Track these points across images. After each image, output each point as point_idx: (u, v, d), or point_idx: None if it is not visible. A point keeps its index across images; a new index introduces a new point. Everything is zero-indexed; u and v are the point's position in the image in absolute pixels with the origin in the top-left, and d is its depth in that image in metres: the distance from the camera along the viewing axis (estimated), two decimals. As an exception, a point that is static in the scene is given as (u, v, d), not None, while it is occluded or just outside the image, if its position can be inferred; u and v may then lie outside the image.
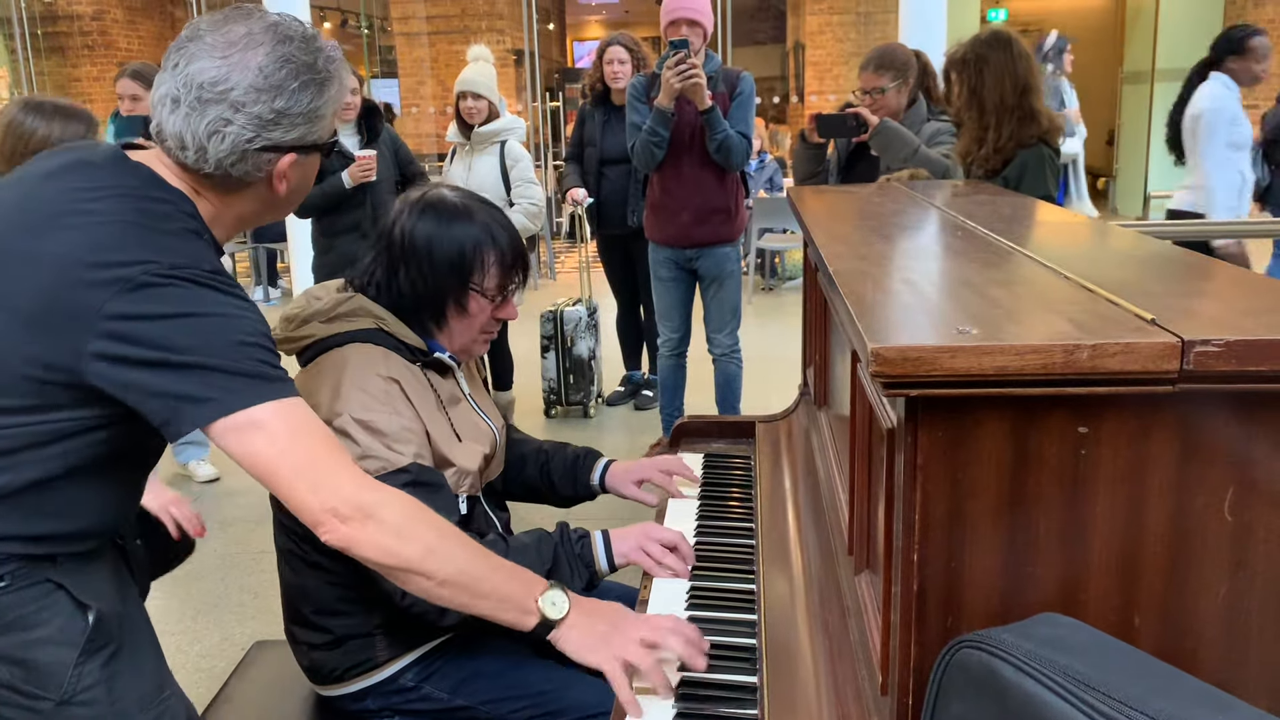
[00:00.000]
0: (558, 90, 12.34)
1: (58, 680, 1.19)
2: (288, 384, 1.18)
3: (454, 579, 1.25)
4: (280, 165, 1.25)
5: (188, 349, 1.10)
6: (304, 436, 1.16)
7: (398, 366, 1.55)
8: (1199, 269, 1.16)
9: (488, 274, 1.63)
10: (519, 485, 1.93)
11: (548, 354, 5.03)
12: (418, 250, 1.60)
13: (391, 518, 1.20)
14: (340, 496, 1.17)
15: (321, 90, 1.25)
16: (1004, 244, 1.33)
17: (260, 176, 1.24)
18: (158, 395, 1.11)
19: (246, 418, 1.13)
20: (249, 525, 3.86)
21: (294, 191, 1.31)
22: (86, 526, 1.22)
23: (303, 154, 1.27)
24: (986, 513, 0.87)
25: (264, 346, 1.16)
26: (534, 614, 1.30)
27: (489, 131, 4.34)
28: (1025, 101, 2.70)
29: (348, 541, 1.19)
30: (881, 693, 1.03)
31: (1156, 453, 0.85)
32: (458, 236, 1.61)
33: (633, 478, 1.89)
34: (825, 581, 1.42)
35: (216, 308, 1.13)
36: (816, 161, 3.50)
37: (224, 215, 1.27)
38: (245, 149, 1.21)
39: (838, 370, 1.62)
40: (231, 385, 1.12)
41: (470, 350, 1.70)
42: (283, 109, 1.21)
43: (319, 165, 1.34)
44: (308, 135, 1.26)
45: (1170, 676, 0.75)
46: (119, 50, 12.00)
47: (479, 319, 1.65)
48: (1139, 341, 0.80)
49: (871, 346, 0.82)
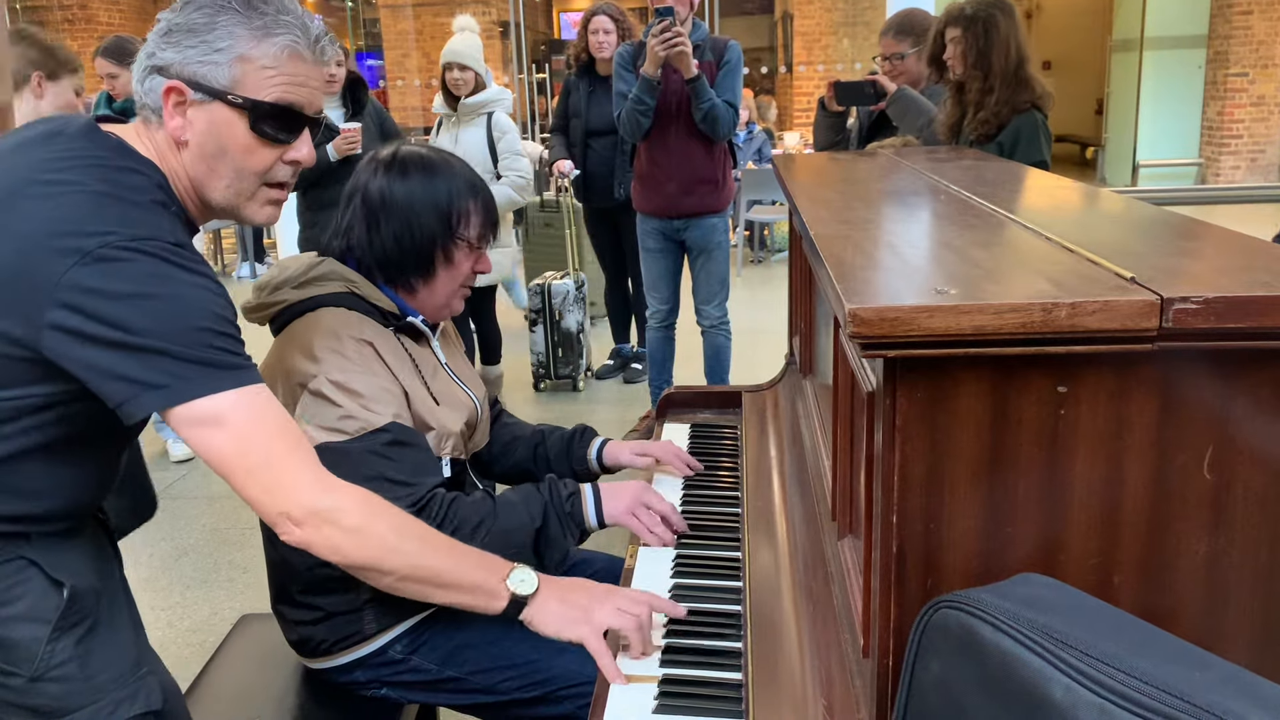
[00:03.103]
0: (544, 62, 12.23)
1: (30, 656, 1.18)
2: (248, 371, 1.15)
3: (415, 574, 1.25)
4: (165, 90, 1.17)
5: (144, 331, 1.07)
6: (260, 433, 1.13)
7: (371, 329, 1.55)
8: (1183, 230, 1.15)
9: (470, 223, 1.63)
10: (511, 468, 1.92)
11: (536, 328, 5.02)
12: (399, 205, 1.60)
13: (346, 520, 1.19)
14: (293, 500, 1.16)
15: (212, 14, 1.17)
16: (987, 207, 1.33)
17: (158, 104, 1.19)
18: (113, 377, 1.08)
19: (203, 409, 1.10)
20: (237, 501, 3.82)
21: (201, 147, 1.21)
22: (58, 505, 1.21)
23: (195, 91, 1.18)
24: (965, 473, 0.87)
25: (224, 332, 1.13)
26: (502, 596, 1.30)
27: (476, 103, 4.30)
28: (1020, 71, 2.68)
29: (303, 544, 1.18)
30: (863, 655, 1.04)
31: (1136, 412, 0.85)
32: (439, 188, 1.61)
33: (632, 449, 1.88)
34: (810, 548, 1.42)
35: (176, 287, 1.10)
36: (836, 130, 3.46)
37: (177, 180, 1.22)
38: (146, 64, 1.19)
39: (822, 338, 1.62)
40: (186, 373, 1.09)
41: (450, 307, 1.69)
42: (175, 23, 1.18)
43: (245, 138, 1.21)
44: (196, 66, 1.17)
45: (1149, 634, 0.75)
46: (99, 25, 11.85)
47: (462, 269, 1.65)
48: (1118, 299, 0.79)
49: (850, 307, 0.81)
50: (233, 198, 1.25)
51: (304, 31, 1.23)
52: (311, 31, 1.24)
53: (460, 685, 1.58)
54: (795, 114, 12.37)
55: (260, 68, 1.20)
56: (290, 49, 1.21)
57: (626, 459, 1.88)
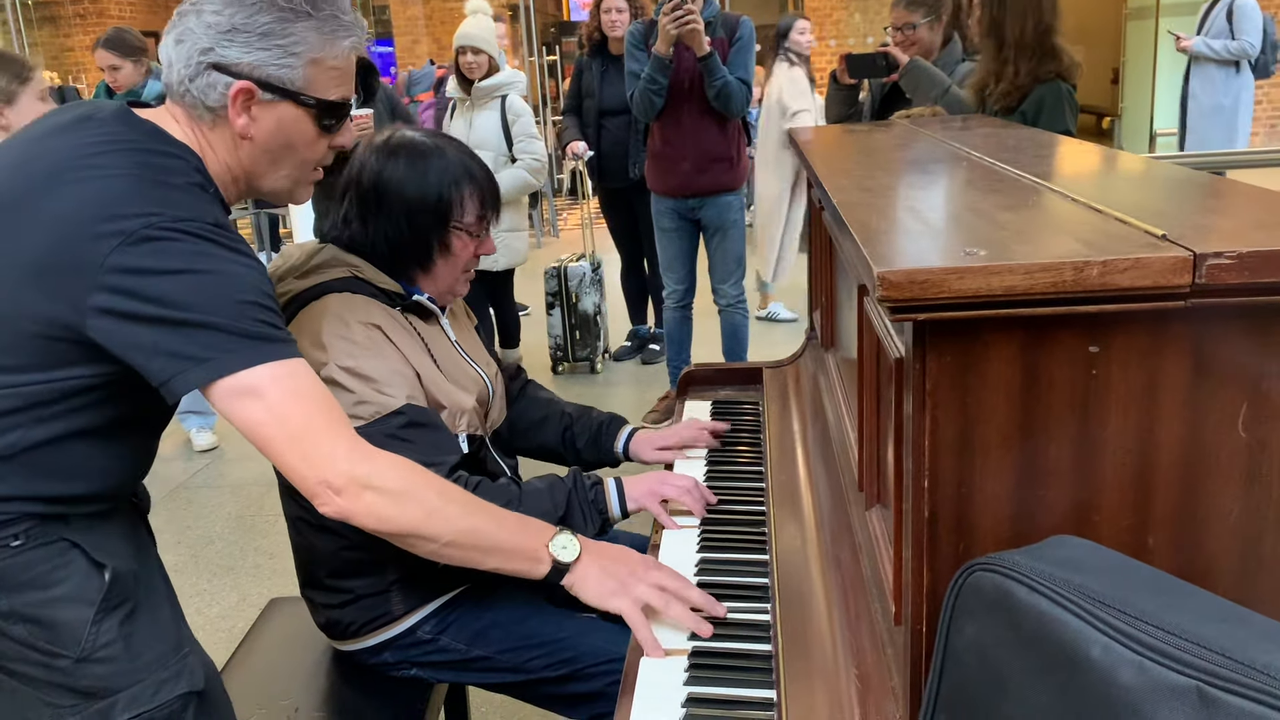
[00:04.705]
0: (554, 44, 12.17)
1: (76, 637, 1.19)
2: (289, 344, 1.16)
3: (459, 539, 1.25)
4: (235, 92, 1.19)
5: (188, 306, 1.09)
6: (300, 403, 1.15)
7: (377, 312, 1.54)
8: (1209, 188, 1.14)
9: (466, 210, 1.62)
10: (535, 445, 1.92)
11: (553, 311, 5.02)
12: (390, 196, 1.58)
13: (388, 485, 1.19)
14: (334, 469, 1.16)
15: (288, 20, 1.20)
16: (1010, 172, 1.31)
17: (219, 104, 1.21)
18: (157, 354, 1.10)
19: (243, 381, 1.11)
20: (261, 488, 3.88)
21: (267, 143, 1.25)
22: (97, 488, 1.22)
23: (266, 92, 1.21)
24: (997, 436, 0.86)
25: (266, 306, 1.15)
26: (545, 561, 1.30)
27: (489, 86, 4.29)
28: (1046, 40, 2.63)
29: (343, 514, 1.19)
30: (895, 623, 1.03)
31: (1168, 370, 0.84)
32: (432, 177, 1.59)
33: (655, 444, 1.87)
34: (836, 520, 1.42)
35: (219, 264, 1.12)
36: (848, 104, 3.44)
37: (217, 164, 1.24)
38: (200, 60, 1.19)
39: (844, 309, 1.61)
40: (230, 345, 1.10)
41: (454, 291, 1.69)
42: (239, 24, 1.18)
43: (311, 133, 1.26)
44: (271, 69, 1.20)
45: (1186, 591, 0.75)
46: (111, 18, 11.88)
47: (462, 257, 1.64)
48: (1150, 256, 0.78)
49: (878, 271, 0.80)
50: (290, 185, 1.31)
51: (361, 30, 1.29)
52: (363, 27, 1.30)
53: (489, 664, 1.59)
54: (807, 91, 12.26)
55: (328, 69, 1.25)
56: (354, 49, 1.27)
57: (651, 457, 1.87)
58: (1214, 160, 3.83)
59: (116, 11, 12.12)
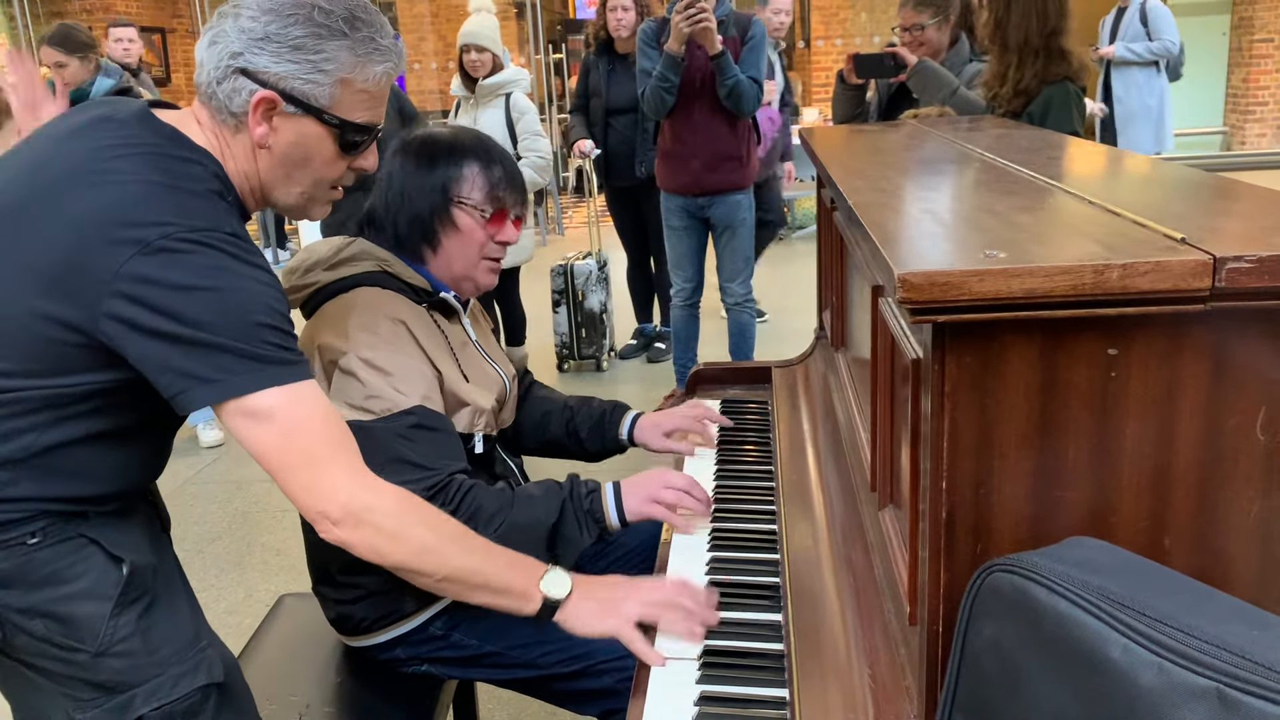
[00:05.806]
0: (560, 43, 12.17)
1: (94, 632, 1.20)
2: (299, 365, 1.16)
3: (452, 576, 1.26)
4: (257, 100, 1.18)
5: (200, 324, 1.09)
6: (304, 432, 1.15)
7: (404, 308, 1.55)
8: (1224, 190, 1.14)
9: (473, 185, 1.62)
10: (541, 442, 1.92)
11: (559, 309, 5.03)
12: (403, 178, 1.62)
13: (384, 523, 1.20)
14: (333, 501, 1.17)
15: (322, 37, 1.19)
16: (1025, 173, 1.31)
17: (242, 110, 1.20)
18: (167, 369, 1.10)
19: (250, 405, 1.12)
20: (267, 484, 3.89)
21: (283, 156, 1.23)
22: (112, 488, 1.23)
23: (289, 104, 1.20)
24: (1015, 438, 0.87)
25: (278, 327, 1.14)
26: (536, 600, 1.31)
27: (494, 84, 4.29)
28: (1053, 43, 2.63)
29: (341, 543, 1.20)
30: (910, 623, 1.04)
31: (1187, 373, 0.84)
32: (437, 158, 1.63)
33: (662, 429, 1.87)
34: (847, 519, 1.42)
35: (234, 280, 1.11)
36: (855, 104, 3.43)
37: (236, 171, 1.23)
38: (229, 64, 1.18)
39: (856, 309, 1.61)
40: (240, 368, 1.11)
41: (473, 278, 1.68)
42: (273, 33, 1.18)
43: (331, 152, 1.25)
44: (297, 82, 1.19)
45: (1205, 594, 0.75)
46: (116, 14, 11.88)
47: (474, 236, 1.63)
48: (1170, 260, 0.79)
49: (899, 273, 0.81)
50: (303, 201, 1.30)
51: (399, 58, 1.27)
52: (401, 54, 1.28)
53: (500, 660, 1.59)
54: (814, 90, 12.25)
55: (357, 91, 1.23)
56: (387, 75, 1.25)
57: (657, 444, 1.87)
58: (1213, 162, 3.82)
59: (123, 8, 12.13)
